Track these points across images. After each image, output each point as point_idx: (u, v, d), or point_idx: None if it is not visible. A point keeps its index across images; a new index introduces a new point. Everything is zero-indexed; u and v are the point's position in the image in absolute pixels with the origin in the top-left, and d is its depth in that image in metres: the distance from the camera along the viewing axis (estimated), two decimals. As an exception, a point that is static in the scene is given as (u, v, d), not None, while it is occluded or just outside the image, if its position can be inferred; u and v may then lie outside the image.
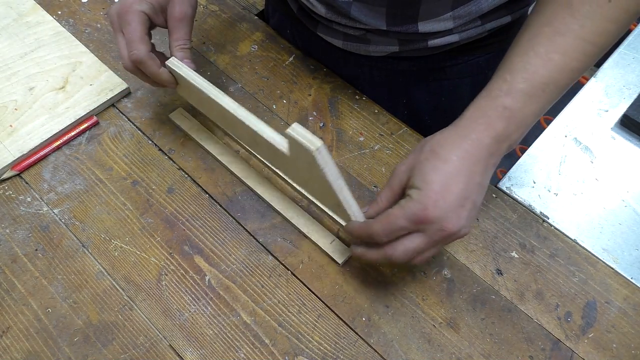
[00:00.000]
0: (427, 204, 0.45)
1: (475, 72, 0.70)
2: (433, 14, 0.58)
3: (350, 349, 0.52)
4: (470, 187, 0.46)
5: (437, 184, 0.45)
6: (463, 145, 0.46)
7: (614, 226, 0.60)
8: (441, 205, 0.45)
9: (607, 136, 0.67)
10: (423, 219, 0.45)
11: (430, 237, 0.46)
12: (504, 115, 0.46)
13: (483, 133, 0.46)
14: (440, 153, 0.47)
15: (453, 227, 0.46)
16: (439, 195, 0.45)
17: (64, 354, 0.51)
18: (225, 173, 0.63)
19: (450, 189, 0.45)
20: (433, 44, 0.62)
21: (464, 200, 0.46)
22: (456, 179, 0.46)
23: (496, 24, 0.62)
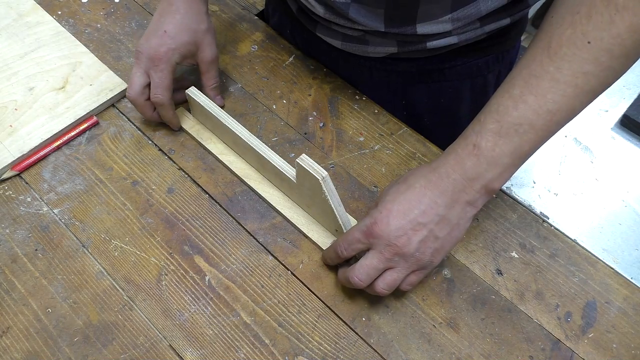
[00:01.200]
0: (377, 218, 0.48)
1: (474, 74, 0.69)
2: (431, 16, 0.58)
3: (350, 349, 0.52)
4: (429, 216, 0.48)
5: (392, 204, 0.49)
6: (429, 176, 0.49)
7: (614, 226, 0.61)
8: (391, 223, 0.48)
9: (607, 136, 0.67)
10: (372, 232, 0.48)
11: (381, 253, 0.48)
12: (473, 152, 0.48)
13: (452, 168, 0.48)
14: (408, 180, 0.50)
15: (402, 247, 0.48)
16: (391, 213, 0.48)
17: (64, 354, 0.51)
18: (225, 173, 0.63)
19: (406, 211, 0.48)
20: (432, 45, 0.62)
21: (418, 226, 0.48)
22: (414, 204, 0.48)
23: (495, 26, 0.62)
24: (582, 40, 0.44)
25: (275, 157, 0.56)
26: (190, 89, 0.62)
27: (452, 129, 0.76)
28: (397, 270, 0.49)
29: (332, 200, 0.52)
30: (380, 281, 0.50)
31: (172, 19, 0.60)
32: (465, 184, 0.48)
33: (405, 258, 0.48)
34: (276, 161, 0.56)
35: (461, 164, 0.48)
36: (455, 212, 0.48)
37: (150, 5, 0.77)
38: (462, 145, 0.48)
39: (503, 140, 0.47)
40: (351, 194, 0.61)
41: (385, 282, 0.49)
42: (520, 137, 0.47)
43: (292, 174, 0.55)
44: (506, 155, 0.47)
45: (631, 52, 0.44)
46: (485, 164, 0.47)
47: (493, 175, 0.48)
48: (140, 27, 0.75)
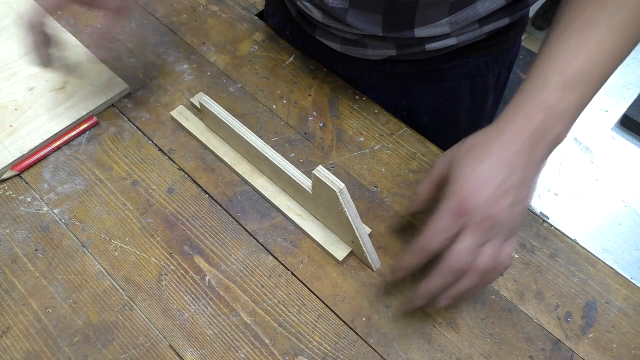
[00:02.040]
0: (465, 194, 0.45)
1: (474, 74, 0.69)
2: (429, 20, 0.58)
3: (350, 349, 0.52)
4: (512, 179, 0.46)
5: (474, 176, 0.46)
6: (502, 139, 0.47)
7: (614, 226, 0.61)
8: (479, 195, 0.45)
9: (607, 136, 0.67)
10: (464, 209, 0.45)
11: (478, 229, 0.45)
12: (541, 108, 0.47)
13: (522, 126, 0.47)
14: (479, 148, 0.47)
15: (496, 215, 0.45)
16: (476, 186, 0.45)
17: (64, 354, 0.51)
18: (225, 173, 0.63)
19: (489, 180, 0.45)
20: (430, 47, 0.62)
21: (504, 191, 0.45)
22: (495, 171, 0.46)
23: (494, 26, 0.62)
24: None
25: (291, 168, 0.56)
26: (203, 97, 0.61)
27: (452, 129, 0.77)
28: (492, 243, 0.46)
29: (349, 212, 0.52)
30: (482, 259, 0.46)
31: None
32: (538, 140, 0.47)
33: (500, 227, 0.46)
34: (292, 172, 0.55)
35: (531, 121, 0.47)
36: (531, 170, 0.47)
37: (150, 5, 0.77)
38: (528, 102, 0.48)
39: (568, 92, 0.47)
40: (351, 194, 0.61)
41: (488, 256, 0.46)
42: (583, 87, 0.47)
43: (307, 185, 0.55)
44: (572, 107, 0.47)
45: None
46: (553, 119, 0.47)
47: (561, 128, 0.47)
48: (140, 27, 0.75)
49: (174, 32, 0.75)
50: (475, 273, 0.46)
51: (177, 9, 0.78)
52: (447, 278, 0.47)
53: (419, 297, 0.49)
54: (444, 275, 0.47)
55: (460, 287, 0.47)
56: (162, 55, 0.72)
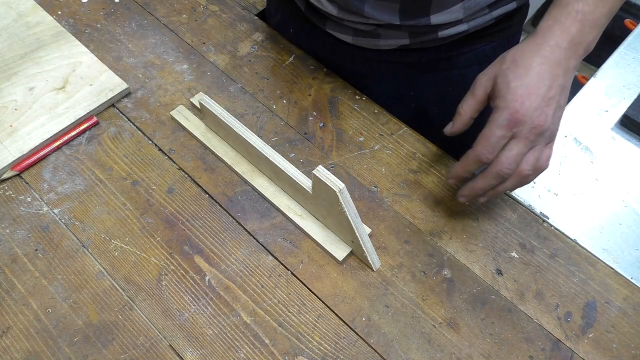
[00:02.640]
0: (516, 107, 0.49)
1: (481, 61, 0.70)
2: (444, 5, 0.59)
3: (350, 349, 0.52)
4: (554, 88, 0.50)
5: (521, 89, 0.50)
6: (542, 52, 0.50)
7: (614, 226, 0.60)
8: (528, 106, 0.49)
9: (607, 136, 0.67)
10: (515, 121, 0.49)
11: (526, 138, 0.50)
12: (577, 18, 0.50)
13: (560, 38, 0.50)
14: (521, 61, 0.51)
15: (544, 124, 0.50)
16: (524, 98, 0.49)
17: (64, 354, 0.51)
18: (225, 173, 0.63)
19: (535, 91, 0.49)
20: (443, 34, 0.63)
21: (548, 100, 0.50)
22: (539, 82, 0.50)
23: (502, 11, 0.64)
24: None
25: (291, 168, 0.56)
26: (203, 97, 0.61)
27: None
28: (536, 149, 0.51)
29: (349, 211, 0.52)
30: (525, 164, 0.51)
31: None
32: (574, 50, 0.51)
33: (544, 134, 0.50)
34: (292, 172, 0.56)
35: (567, 32, 0.50)
36: (569, 78, 0.51)
37: (150, 5, 0.77)
38: (565, 13, 0.51)
39: (601, 1, 0.51)
40: (351, 194, 0.61)
41: (530, 163, 0.51)
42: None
43: (307, 185, 0.55)
44: (604, 16, 0.51)
45: None
46: (588, 28, 0.51)
47: (593, 36, 0.51)
48: (140, 27, 0.75)
49: (174, 32, 0.75)
50: (518, 177, 0.52)
51: (177, 9, 0.78)
52: (492, 181, 0.52)
53: (464, 195, 0.55)
54: (491, 179, 0.52)
55: (502, 189, 0.53)
56: (162, 55, 0.72)
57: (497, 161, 0.51)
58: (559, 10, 0.51)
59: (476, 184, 0.53)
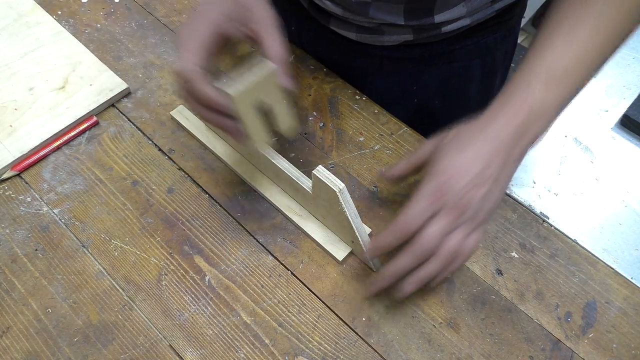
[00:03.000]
0: (442, 179, 0.48)
1: (484, 53, 0.71)
2: (448, 5, 0.59)
3: (350, 349, 0.52)
4: (488, 172, 0.48)
5: (453, 164, 0.48)
6: (485, 133, 0.49)
7: (614, 226, 0.61)
8: (455, 182, 0.47)
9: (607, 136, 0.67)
10: (439, 194, 0.47)
11: (450, 214, 0.47)
12: (525, 107, 0.48)
13: (504, 124, 0.48)
14: (463, 137, 0.50)
15: (467, 204, 0.47)
16: (454, 173, 0.48)
17: (64, 354, 0.51)
18: (225, 173, 0.63)
19: (467, 170, 0.48)
20: (446, 29, 0.63)
21: (479, 183, 0.48)
22: (474, 162, 0.48)
23: (503, 3, 0.64)
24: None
25: (291, 168, 0.56)
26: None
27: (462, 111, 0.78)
28: (461, 230, 0.48)
29: (349, 212, 0.52)
30: (447, 244, 0.48)
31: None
32: (518, 138, 0.49)
33: (468, 216, 0.48)
34: (291, 172, 0.55)
35: (514, 118, 0.48)
36: (509, 166, 0.50)
37: (150, 5, 0.77)
38: (513, 100, 0.49)
39: (552, 91, 0.48)
40: (351, 194, 0.61)
41: (452, 243, 0.48)
42: (566, 87, 0.49)
43: (307, 185, 0.55)
44: (554, 107, 0.49)
45: None
46: (535, 117, 0.48)
47: (541, 127, 0.49)
48: (140, 27, 0.75)
49: (174, 32, 0.75)
50: (441, 257, 0.48)
51: (177, 9, 0.78)
52: (415, 259, 0.48)
53: (385, 277, 0.50)
54: (412, 256, 0.48)
55: (426, 272, 0.49)
56: (162, 55, 0.72)
57: (420, 235, 0.47)
58: (508, 95, 0.50)
59: (397, 263, 0.49)
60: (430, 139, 0.53)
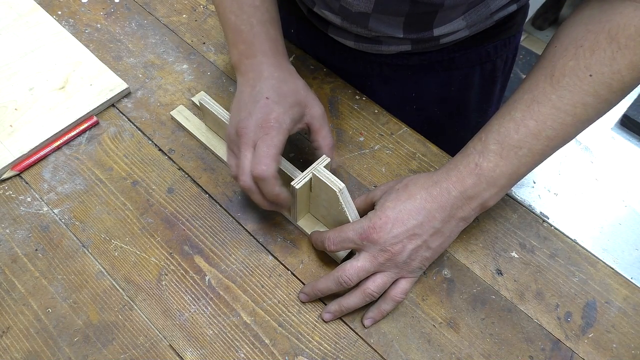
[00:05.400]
0: (376, 224, 0.49)
1: (483, 60, 0.70)
2: (447, 20, 0.59)
3: (350, 349, 0.52)
4: (426, 228, 0.50)
5: (392, 211, 0.50)
6: (431, 190, 0.50)
7: (614, 226, 0.61)
8: (389, 230, 0.49)
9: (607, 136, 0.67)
10: (368, 235, 0.49)
11: (374, 257, 0.50)
12: (475, 172, 0.49)
13: (452, 185, 0.50)
14: (410, 188, 0.51)
15: (397, 253, 0.49)
16: (390, 221, 0.49)
17: (64, 354, 0.51)
18: (225, 173, 0.63)
19: (404, 221, 0.49)
20: (444, 40, 0.63)
21: (414, 235, 0.49)
22: (413, 215, 0.49)
23: (503, 14, 0.64)
24: (585, 72, 0.46)
25: (290, 167, 0.56)
26: (203, 96, 0.61)
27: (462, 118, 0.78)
28: (387, 274, 0.51)
29: (349, 212, 0.52)
30: (371, 283, 0.51)
31: (269, 86, 0.53)
32: (464, 202, 0.50)
33: (397, 264, 0.50)
34: (291, 171, 0.55)
35: (462, 181, 0.49)
36: (450, 226, 0.51)
37: (150, 5, 0.78)
38: (464, 163, 0.50)
39: (503, 161, 0.49)
40: (351, 194, 0.61)
41: (376, 284, 0.51)
42: (519, 160, 0.49)
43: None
44: (505, 177, 0.49)
45: (628, 87, 0.47)
46: (484, 184, 0.49)
47: (490, 194, 0.50)
48: (140, 27, 0.75)
49: (174, 32, 0.75)
50: (361, 293, 0.51)
51: (177, 9, 0.78)
52: (330, 285, 0.51)
53: (304, 292, 0.54)
54: (330, 282, 0.51)
55: (345, 302, 0.52)
56: (162, 55, 0.72)
57: (340, 266, 0.51)
58: (460, 159, 0.51)
59: (315, 283, 0.53)
60: (382, 184, 0.56)
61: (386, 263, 0.50)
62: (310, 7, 0.66)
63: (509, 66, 0.77)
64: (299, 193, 0.53)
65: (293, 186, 0.52)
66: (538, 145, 0.48)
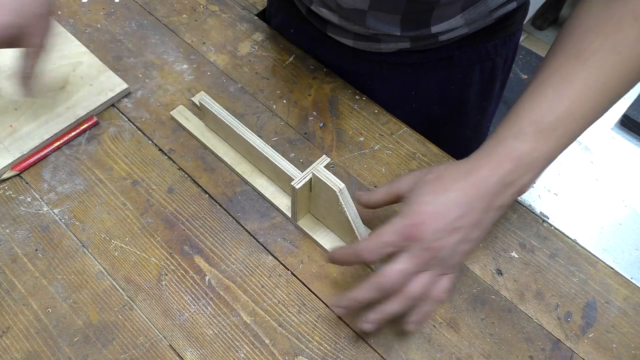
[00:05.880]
0: (418, 221, 0.46)
1: (483, 59, 0.70)
2: (445, 17, 0.59)
3: (350, 349, 0.52)
4: (466, 220, 0.47)
5: (430, 206, 0.47)
6: (468, 179, 0.47)
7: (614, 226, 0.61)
8: (431, 226, 0.46)
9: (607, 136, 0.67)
10: (410, 234, 0.46)
11: (417, 257, 0.46)
12: (512, 157, 0.47)
13: (490, 172, 0.47)
14: (445, 179, 0.48)
15: (440, 249, 0.46)
16: (431, 217, 0.46)
17: (64, 354, 0.51)
18: (225, 173, 0.63)
19: (444, 215, 0.46)
20: (443, 38, 0.63)
21: (455, 230, 0.46)
22: (453, 208, 0.46)
23: (503, 11, 0.63)
24: (612, 51, 0.46)
25: (291, 168, 0.56)
26: (203, 96, 0.61)
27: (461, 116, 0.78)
28: (429, 274, 0.47)
29: (349, 212, 0.52)
30: (414, 285, 0.47)
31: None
32: (502, 189, 0.47)
33: (439, 261, 0.47)
34: (292, 172, 0.55)
35: (499, 168, 0.47)
36: (489, 216, 0.48)
37: (150, 5, 0.78)
38: (500, 149, 0.48)
39: (540, 144, 0.47)
40: (351, 194, 0.61)
41: (419, 286, 0.47)
42: (555, 141, 0.48)
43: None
44: (542, 160, 0.48)
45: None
46: (522, 169, 0.47)
47: (528, 179, 0.48)
48: (140, 27, 0.75)
49: (174, 32, 0.75)
50: (404, 298, 0.47)
51: (177, 9, 0.78)
52: (372, 293, 0.47)
53: (341, 305, 0.49)
54: (370, 290, 0.47)
55: (388, 309, 0.48)
56: (162, 55, 0.72)
57: (380, 271, 0.46)
58: (495, 144, 0.48)
59: (355, 293, 0.48)
60: (410, 173, 0.52)
61: (429, 262, 0.47)
62: (308, 5, 0.66)
63: (509, 65, 0.77)
64: (299, 193, 0.53)
65: (293, 186, 0.52)
66: (573, 125, 0.47)
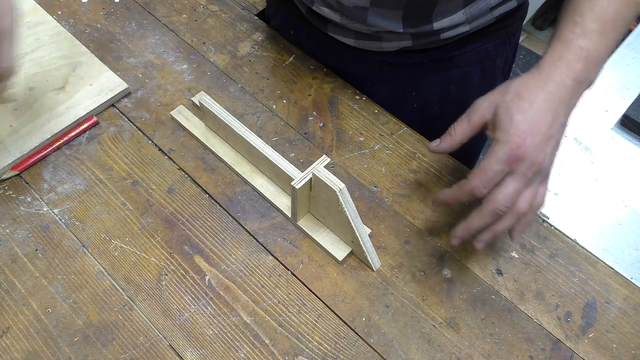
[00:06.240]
0: (518, 142, 0.48)
1: (483, 59, 0.71)
2: (446, 13, 0.59)
3: (350, 349, 0.52)
4: (555, 126, 0.49)
5: (524, 124, 0.48)
6: (547, 88, 0.49)
7: (614, 226, 0.61)
8: (530, 142, 0.48)
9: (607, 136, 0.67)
10: (516, 157, 0.48)
11: (524, 175, 0.48)
12: (582, 56, 0.49)
13: (565, 75, 0.49)
14: (526, 95, 0.49)
15: (542, 162, 0.49)
16: (527, 134, 0.48)
17: (64, 354, 0.51)
18: (225, 173, 0.63)
19: (537, 128, 0.48)
20: (445, 35, 0.63)
21: (549, 138, 0.49)
22: (542, 119, 0.49)
23: (503, 10, 0.64)
24: None
25: (291, 168, 0.56)
26: (203, 96, 0.61)
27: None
28: (532, 187, 0.50)
29: (349, 212, 0.52)
30: (522, 201, 0.49)
31: None
32: (577, 88, 0.50)
33: (541, 172, 0.50)
34: (292, 172, 0.55)
35: (572, 69, 0.49)
36: (569, 116, 0.51)
37: (150, 5, 0.77)
38: (569, 50, 0.50)
39: (604, 38, 0.49)
40: (351, 194, 0.61)
41: (526, 200, 0.49)
42: (616, 32, 0.50)
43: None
44: (606, 53, 0.50)
45: None
46: (591, 65, 0.50)
47: (596, 73, 0.51)
48: (140, 27, 0.75)
49: (173, 32, 0.75)
50: (515, 215, 0.50)
51: (177, 9, 0.78)
52: (488, 219, 0.50)
53: (457, 236, 0.52)
54: (486, 217, 0.50)
55: (499, 228, 0.50)
56: (162, 55, 0.72)
57: (493, 198, 0.49)
58: (563, 47, 0.50)
59: (471, 223, 0.51)
60: (482, 100, 0.53)
61: (534, 176, 0.49)
62: (309, 5, 0.66)
63: (509, 65, 0.77)
64: (299, 193, 0.53)
65: (293, 186, 0.52)
66: (629, 12, 0.50)
